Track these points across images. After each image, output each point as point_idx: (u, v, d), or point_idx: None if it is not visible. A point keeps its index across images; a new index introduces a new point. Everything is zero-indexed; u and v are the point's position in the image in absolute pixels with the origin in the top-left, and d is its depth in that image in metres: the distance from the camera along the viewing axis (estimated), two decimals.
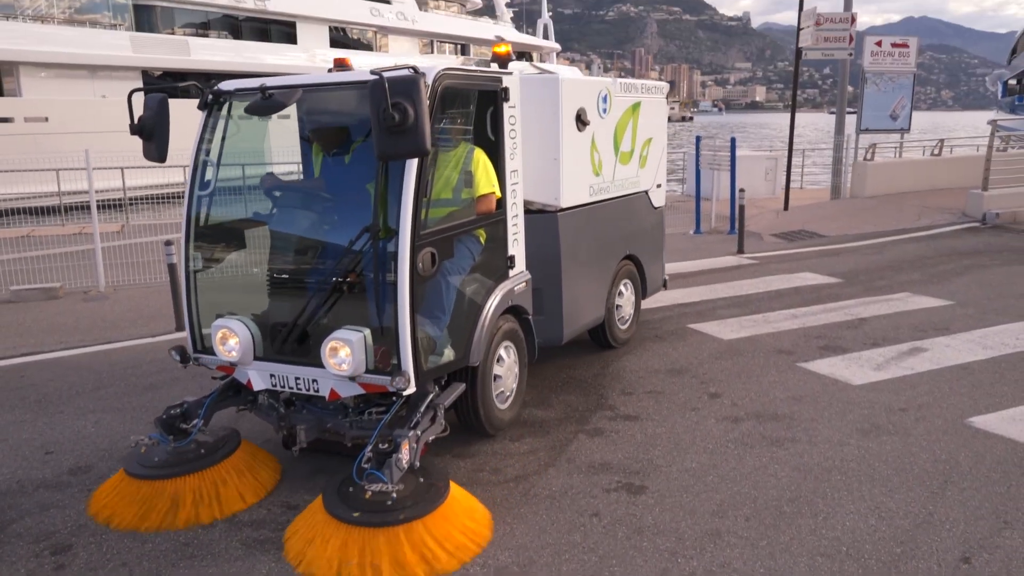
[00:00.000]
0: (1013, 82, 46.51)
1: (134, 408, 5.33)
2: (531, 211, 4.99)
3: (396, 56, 40.04)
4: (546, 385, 5.51)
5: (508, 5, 59.56)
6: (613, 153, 5.81)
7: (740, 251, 10.61)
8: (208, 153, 4.16)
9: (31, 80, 25.17)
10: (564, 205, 5.18)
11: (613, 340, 6.14)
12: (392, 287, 3.54)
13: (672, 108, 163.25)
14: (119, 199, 14.66)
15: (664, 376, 5.66)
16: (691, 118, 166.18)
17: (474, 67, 4.49)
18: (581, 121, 5.23)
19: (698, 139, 13.77)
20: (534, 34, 63.75)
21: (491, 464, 4.29)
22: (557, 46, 61.73)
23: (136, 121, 4.02)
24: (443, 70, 3.83)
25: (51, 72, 25.67)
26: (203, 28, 31.71)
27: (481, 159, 4.27)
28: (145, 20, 29.32)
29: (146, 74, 28.66)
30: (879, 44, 14.51)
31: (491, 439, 4.57)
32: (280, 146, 4.80)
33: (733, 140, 12.64)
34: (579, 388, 5.46)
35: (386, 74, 3.23)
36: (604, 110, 5.58)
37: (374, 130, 3.21)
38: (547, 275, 5.09)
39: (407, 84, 3.19)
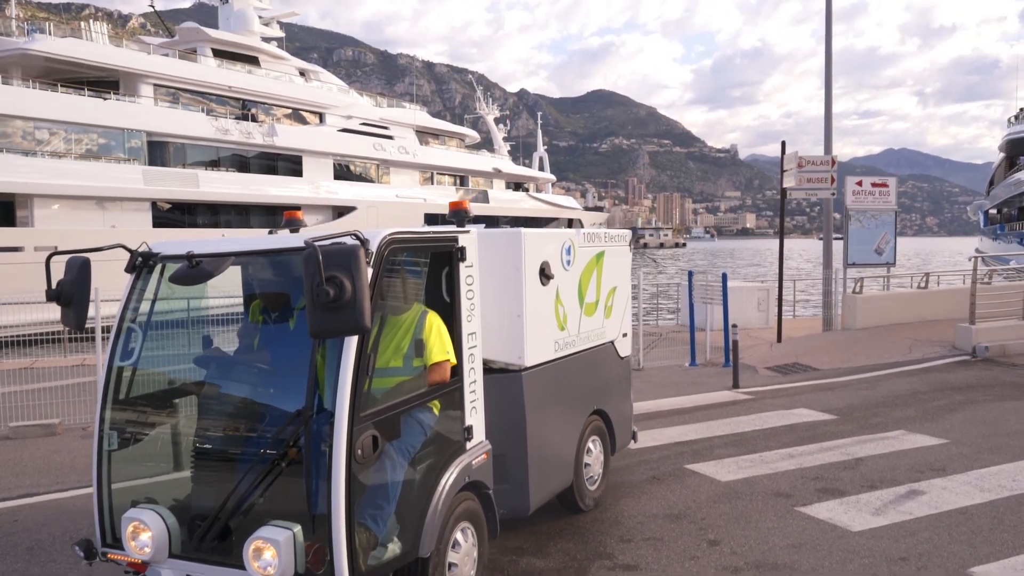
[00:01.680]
0: (994, 211, 48.21)
1: None
2: (493, 370, 4.73)
3: (397, 187, 41.56)
4: (544, 531, 5.47)
5: (505, 139, 62.34)
6: (578, 305, 5.60)
7: (735, 386, 10.71)
8: (134, 319, 3.91)
9: (44, 211, 25.99)
10: (528, 364, 4.88)
11: (583, 503, 5.72)
12: (327, 477, 3.18)
13: (666, 235, 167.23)
14: None
15: (663, 521, 5.64)
16: (684, 244, 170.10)
17: (427, 228, 4.33)
18: (545, 275, 5.03)
19: (690, 274, 14.18)
20: (530, 166, 66.40)
21: None
22: (552, 177, 64.17)
23: (54, 286, 3.72)
24: (390, 235, 3.61)
25: (64, 203, 26.55)
26: (213, 163, 33.04)
27: (435, 324, 4.01)
28: (158, 156, 30.61)
29: (155, 206, 29.64)
30: (860, 184, 15.21)
31: None
32: (217, 311, 4.59)
33: (724, 276, 13.02)
34: (577, 535, 5.42)
35: (321, 244, 2.98)
36: (568, 262, 5.41)
37: (307, 305, 2.96)
38: (511, 440, 4.73)
39: (344, 256, 2.95)
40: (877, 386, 10.46)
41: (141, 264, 3.91)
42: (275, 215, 33.98)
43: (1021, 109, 45.60)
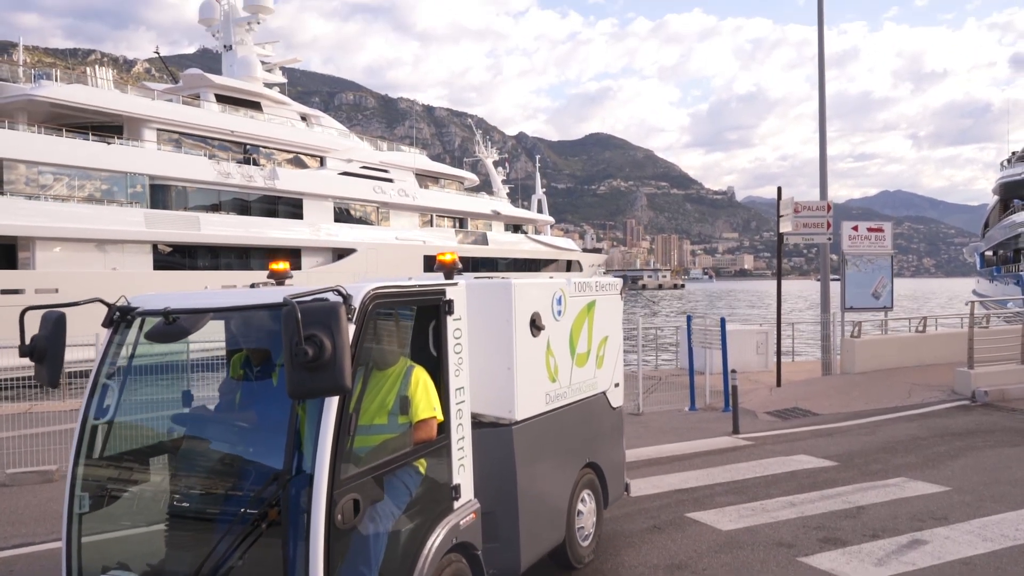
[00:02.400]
0: (990, 253, 48.52)
1: None
2: (482, 424, 4.63)
3: (397, 229, 41.83)
4: None
5: (504, 181, 62.92)
6: (569, 356, 5.50)
7: (735, 431, 10.69)
8: (110, 375, 3.77)
9: (45, 253, 26.12)
10: (519, 417, 4.75)
11: (575, 560, 5.52)
12: (305, 543, 3.07)
13: (664, 276, 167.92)
14: None
15: (663, 572, 5.60)
16: (683, 285, 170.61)
17: (414, 281, 4.18)
18: (536, 326, 4.91)
19: (689, 318, 14.23)
20: (529, 208, 66.93)
21: None
22: (550, 219, 64.58)
23: (28, 341, 3.58)
24: (374, 290, 3.53)
25: (65, 246, 26.70)
26: (215, 206, 33.32)
27: (421, 379, 3.90)
28: (161, 199, 30.89)
29: (156, 248, 29.80)
30: (856, 229, 15.37)
31: None
32: (197, 366, 4.47)
33: (723, 320, 13.07)
34: None
35: (301, 300, 2.90)
36: (559, 312, 5.31)
37: (285, 365, 2.86)
38: (501, 497, 4.59)
39: (324, 313, 2.86)
40: (877, 431, 10.44)
41: (119, 319, 3.78)
42: (276, 257, 34.06)
43: (1013, 153, 46.23)
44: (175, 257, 30.65)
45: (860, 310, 15.70)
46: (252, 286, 4.31)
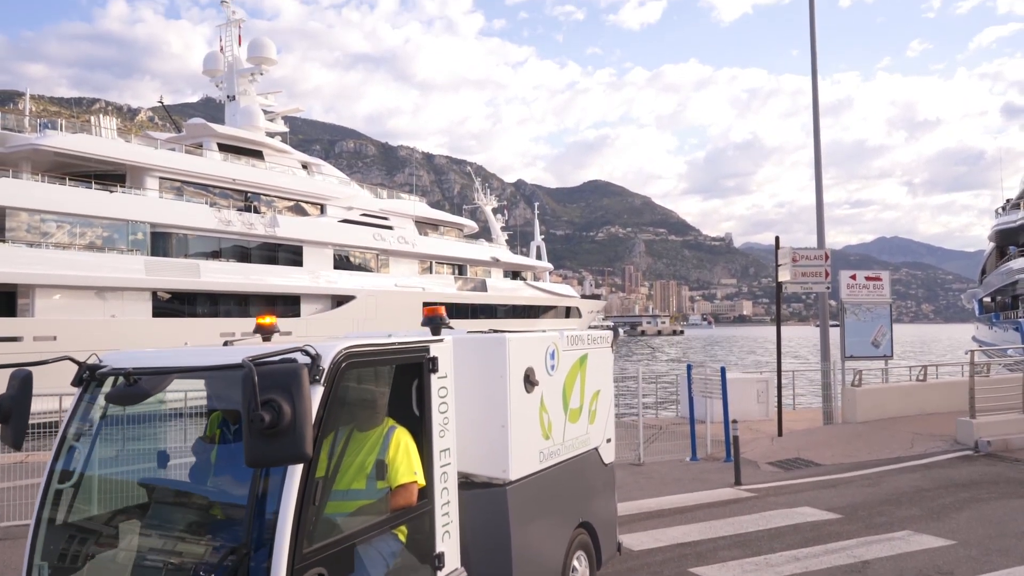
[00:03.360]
0: (988, 300, 48.70)
1: None
2: (475, 484, 4.47)
3: (396, 276, 41.97)
4: None
5: (503, 228, 63.38)
6: (562, 411, 5.33)
7: (737, 482, 10.58)
8: (78, 437, 3.59)
9: (45, 301, 26.16)
10: (514, 477, 4.56)
11: None
12: None
13: (663, 323, 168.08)
14: None
15: None
16: (682, 332, 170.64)
17: (394, 338, 3.99)
18: (530, 382, 4.76)
19: (689, 367, 14.20)
20: (528, 254, 67.28)
21: None
22: (549, 266, 64.90)
23: None
24: (347, 349, 3.33)
25: (65, 293, 26.74)
26: (215, 253, 33.49)
27: (402, 441, 3.72)
28: (161, 246, 31.06)
29: (156, 295, 29.85)
30: (854, 278, 15.44)
31: None
32: (173, 426, 4.31)
33: (723, 370, 13.04)
34: None
35: (261, 362, 2.75)
36: (552, 367, 5.15)
37: (243, 430, 2.70)
38: (493, 561, 4.38)
39: (284, 376, 2.70)
40: (880, 483, 10.33)
41: (88, 378, 3.61)
42: (275, 304, 34.20)
43: (1008, 200, 46.73)
44: (175, 304, 30.70)
45: (860, 359, 15.68)
46: (226, 343, 4.09)
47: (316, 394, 3.08)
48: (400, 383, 4.05)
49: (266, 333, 4.41)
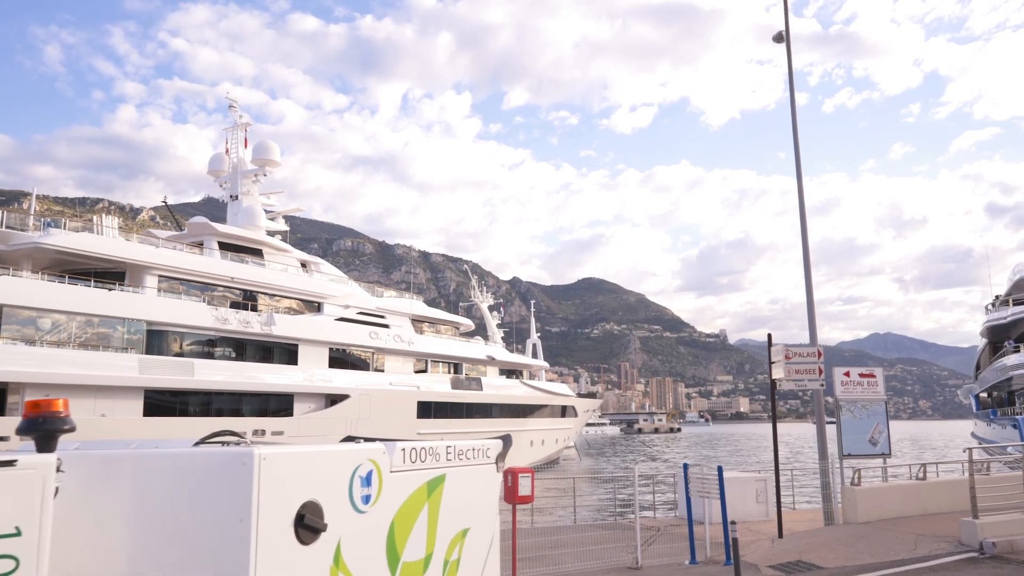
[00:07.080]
0: (984, 395, 48.58)
1: None
2: None
3: (391, 374, 41.79)
4: None
5: (499, 325, 63.64)
6: (387, 568, 3.56)
7: None
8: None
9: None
10: None
11: None
12: None
13: (660, 420, 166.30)
14: None
15: None
16: (679, 429, 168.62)
17: None
18: (309, 528, 3.06)
19: (685, 467, 14.04)
20: (524, 352, 67.31)
21: None
22: (545, 364, 64.74)
23: None
24: None
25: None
26: (209, 351, 33.49)
27: None
28: (156, 343, 31.09)
29: (147, 394, 29.65)
30: (847, 375, 15.49)
31: None
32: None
33: (720, 470, 12.91)
34: None
35: None
36: (366, 498, 3.43)
37: None
38: None
39: None
40: None
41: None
42: (268, 403, 33.95)
43: (997, 296, 47.38)
44: (167, 401, 30.45)
45: (858, 457, 15.54)
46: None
47: None
48: None
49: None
